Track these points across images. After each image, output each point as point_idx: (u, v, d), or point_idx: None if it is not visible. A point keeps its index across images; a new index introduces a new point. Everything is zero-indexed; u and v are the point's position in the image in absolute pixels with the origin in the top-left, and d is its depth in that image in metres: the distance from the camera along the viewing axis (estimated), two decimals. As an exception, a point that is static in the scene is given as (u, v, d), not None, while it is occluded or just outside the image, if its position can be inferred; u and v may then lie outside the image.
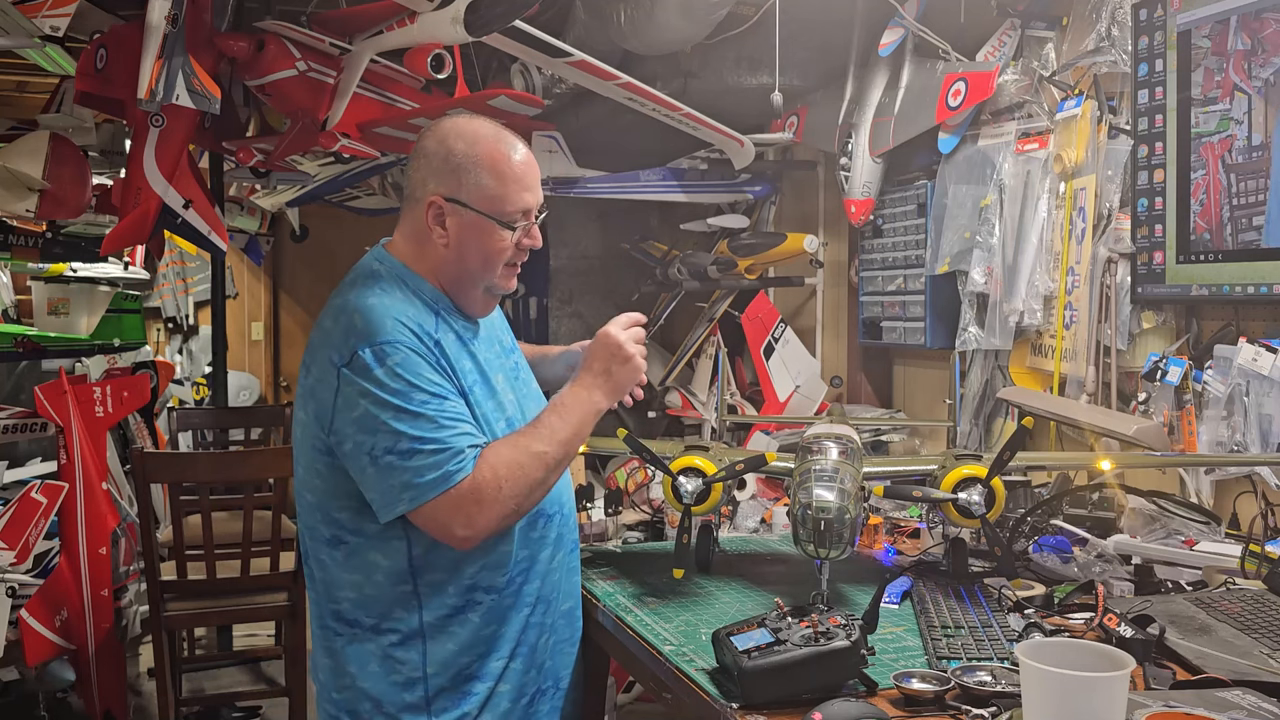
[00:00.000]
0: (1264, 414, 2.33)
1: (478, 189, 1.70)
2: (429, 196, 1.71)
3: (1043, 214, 2.99)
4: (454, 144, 1.71)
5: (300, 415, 1.70)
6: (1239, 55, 2.42)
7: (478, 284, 1.77)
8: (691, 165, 4.33)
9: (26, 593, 3.30)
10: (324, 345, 1.65)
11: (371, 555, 1.68)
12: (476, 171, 1.70)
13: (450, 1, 2.83)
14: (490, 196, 1.70)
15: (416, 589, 1.69)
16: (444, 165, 1.71)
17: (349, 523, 1.68)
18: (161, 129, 3.29)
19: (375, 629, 1.70)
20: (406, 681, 1.70)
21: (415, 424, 1.59)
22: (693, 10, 3.28)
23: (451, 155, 1.70)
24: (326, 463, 1.66)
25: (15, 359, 4.78)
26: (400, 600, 1.69)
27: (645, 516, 2.92)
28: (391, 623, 1.70)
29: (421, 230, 1.73)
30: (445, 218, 1.71)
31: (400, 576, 1.69)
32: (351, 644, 1.71)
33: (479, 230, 1.72)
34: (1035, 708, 1.29)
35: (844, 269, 4.19)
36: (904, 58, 3.45)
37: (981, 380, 3.27)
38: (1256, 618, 1.79)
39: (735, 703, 1.57)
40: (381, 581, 1.68)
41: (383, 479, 1.60)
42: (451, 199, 1.70)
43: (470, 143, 1.71)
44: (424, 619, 1.70)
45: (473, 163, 1.70)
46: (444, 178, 1.70)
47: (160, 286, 7.12)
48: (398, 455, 1.58)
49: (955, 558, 2.22)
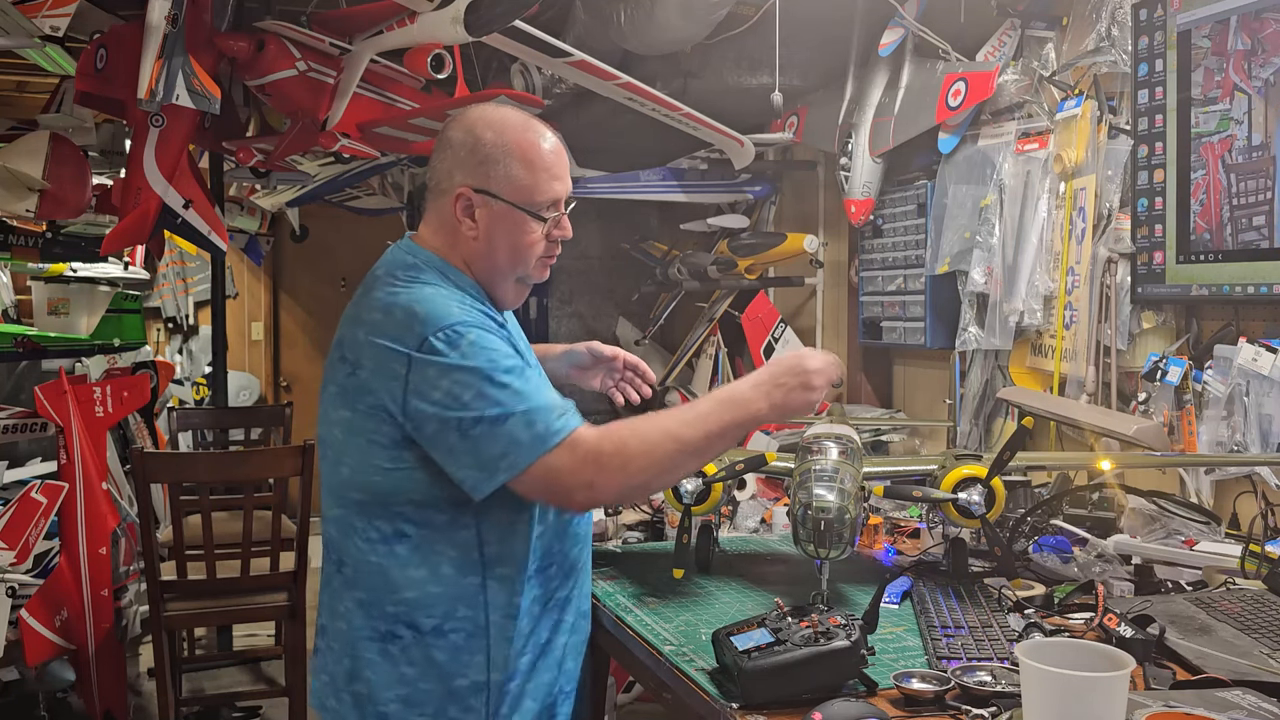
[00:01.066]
0: (1264, 414, 2.33)
1: (507, 179, 1.65)
2: (456, 188, 1.66)
3: (1043, 214, 2.99)
4: (482, 133, 1.66)
5: (342, 414, 1.61)
6: (1239, 55, 2.42)
7: (509, 276, 1.71)
8: (691, 165, 4.33)
9: (26, 593, 3.30)
10: (378, 337, 1.57)
11: (439, 546, 1.61)
12: (506, 161, 1.65)
13: (450, 1, 2.83)
14: (520, 187, 1.65)
15: (484, 580, 1.63)
16: (471, 155, 1.65)
17: (415, 515, 1.61)
18: (161, 129, 3.28)
19: (438, 630, 1.62)
20: (472, 686, 1.64)
21: (503, 393, 1.52)
22: (693, 10, 3.28)
23: (480, 144, 1.65)
24: (391, 455, 1.58)
25: (15, 359, 4.78)
26: (467, 594, 1.62)
27: (645, 516, 2.92)
28: (457, 620, 1.62)
29: (450, 222, 1.68)
30: (475, 209, 1.66)
31: (469, 567, 1.62)
32: (411, 648, 1.63)
33: (509, 222, 1.67)
34: (1035, 708, 1.29)
35: (844, 269, 4.19)
36: (904, 58, 3.45)
37: (981, 380, 3.27)
38: (1256, 618, 1.79)
39: (735, 703, 1.57)
40: (449, 574, 1.61)
41: (477, 452, 1.52)
42: (481, 190, 1.65)
43: (499, 131, 1.66)
44: (490, 616, 1.64)
45: (503, 152, 1.65)
46: (472, 168, 1.65)
47: (160, 286, 7.12)
48: (489, 423, 1.51)
49: (955, 558, 2.22)
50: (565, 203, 1.73)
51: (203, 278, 6.85)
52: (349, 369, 1.60)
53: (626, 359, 2.09)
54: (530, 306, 5.42)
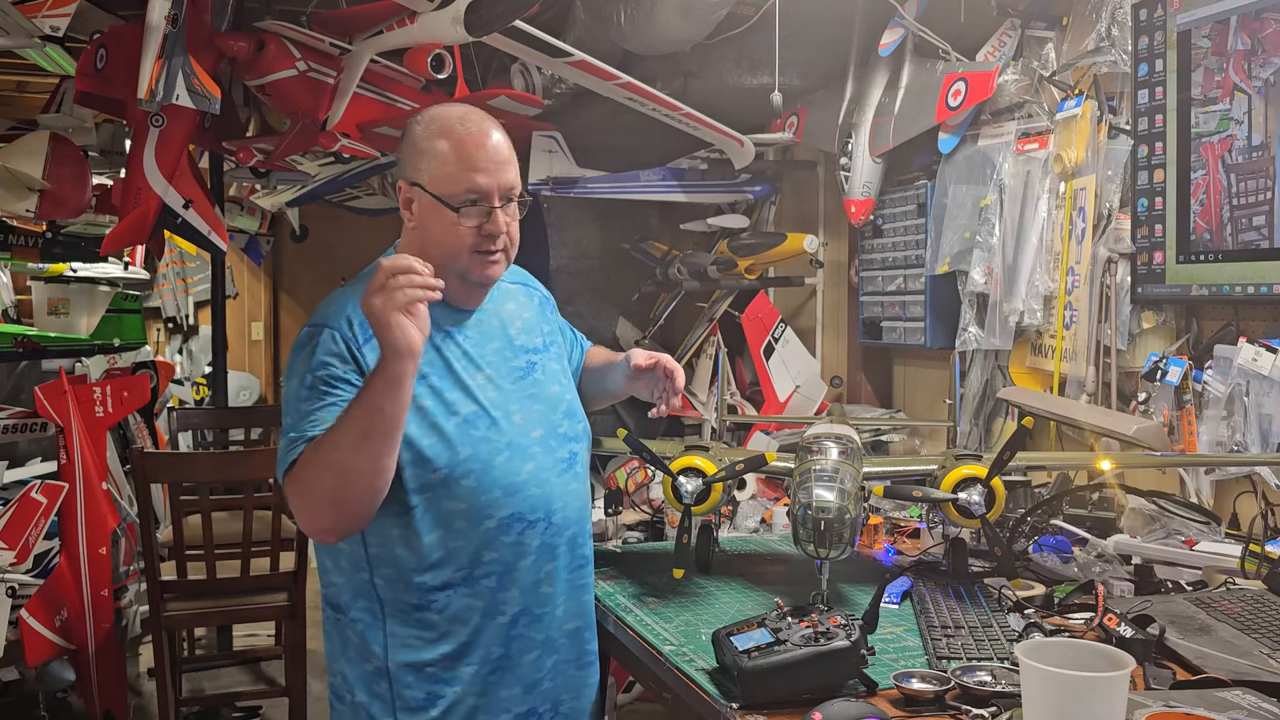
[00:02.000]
0: (1264, 414, 2.33)
1: (429, 171, 1.67)
2: (399, 181, 1.73)
3: (1043, 214, 2.99)
4: (414, 127, 1.71)
5: None
6: (1239, 55, 2.42)
7: (448, 269, 1.66)
8: (691, 165, 4.32)
9: (26, 593, 3.30)
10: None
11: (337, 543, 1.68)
12: (430, 153, 1.67)
13: (450, 1, 2.83)
14: (438, 177, 1.66)
15: (372, 578, 1.67)
16: (407, 148, 1.71)
17: None
18: (161, 129, 3.28)
19: (346, 611, 1.71)
20: (375, 672, 1.69)
21: (297, 406, 1.60)
22: (693, 10, 3.28)
23: (412, 138, 1.70)
24: None
25: (15, 359, 4.78)
26: (360, 588, 1.68)
27: (645, 516, 2.92)
28: (357, 611, 1.69)
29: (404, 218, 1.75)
30: (411, 201, 1.71)
31: (358, 564, 1.68)
32: (335, 625, 1.73)
33: (433, 213, 1.68)
34: (1035, 708, 1.29)
35: (844, 269, 4.19)
36: (904, 58, 3.45)
37: (981, 380, 3.27)
38: (1256, 618, 1.79)
39: (735, 703, 1.57)
40: (346, 567, 1.69)
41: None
42: (413, 182, 1.69)
43: (427, 124, 1.69)
44: (385, 610, 1.67)
45: (428, 144, 1.68)
46: (406, 161, 1.71)
47: (160, 286, 7.12)
48: (282, 434, 1.63)
49: (955, 558, 2.22)
50: (504, 199, 1.68)
51: (203, 278, 6.85)
52: None
53: (664, 364, 1.92)
54: (530, 307, 5.41)
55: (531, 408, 1.76)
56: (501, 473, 1.67)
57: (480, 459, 1.65)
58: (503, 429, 1.69)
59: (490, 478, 1.66)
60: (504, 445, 1.68)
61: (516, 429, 1.71)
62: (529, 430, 1.73)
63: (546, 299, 1.99)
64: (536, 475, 1.71)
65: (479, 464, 1.65)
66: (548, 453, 1.74)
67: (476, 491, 1.64)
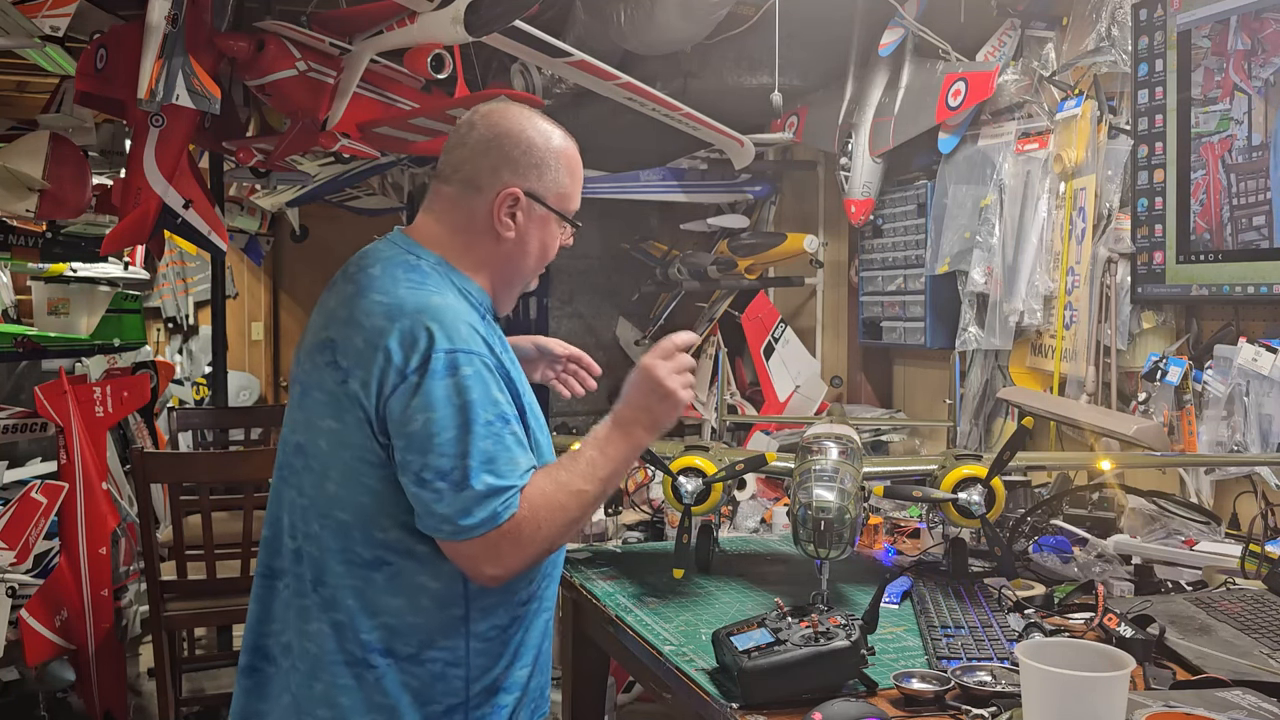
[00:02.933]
0: (1264, 414, 2.33)
1: (555, 185, 1.65)
2: (505, 187, 1.61)
3: (1043, 214, 2.99)
4: (534, 137, 1.64)
5: (329, 424, 1.53)
6: (1239, 55, 2.42)
7: (524, 281, 1.70)
8: (691, 165, 4.33)
9: (26, 593, 3.30)
10: (375, 346, 1.49)
11: (420, 579, 1.53)
12: (556, 168, 1.65)
13: (450, 1, 2.83)
14: (563, 194, 1.67)
15: (468, 613, 1.56)
16: (526, 157, 1.63)
17: (397, 543, 1.53)
18: (161, 129, 3.28)
19: (414, 658, 1.54)
20: (446, 710, 1.56)
21: (474, 451, 1.45)
22: (693, 10, 3.28)
23: (534, 148, 1.63)
24: (380, 475, 1.51)
25: (15, 359, 4.78)
26: (448, 626, 1.55)
27: (645, 516, 2.92)
28: (436, 650, 1.55)
29: (479, 221, 1.62)
30: (517, 211, 1.62)
31: (451, 600, 1.55)
32: (386, 676, 1.54)
33: (545, 226, 1.66)
34: (1035, 708, 1.29)
35: (844, 269, 4.19)
36: (904, 58, 3.46)
37: (981, 380, 3.27)
38: (1256, 618, 1.79)
39: (735, 703, 1.57)
40: (429, 606, 1.54)
41: (426, 503, 1.47)
42: (530, 193, 1.63)
43: (547, 137, 1.66)
44: (470, 644, 1.57)
45: (554, 158, 1.65)
46: (525, 170, 1.63)
47: (160, 286, 7.12)
48: (449, 484, 1.45)
49: (955, 558, 2.22)
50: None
51: (203, 278, 6.85)
52: (341, 376, 1.52)
53: (571, 353, 2.01)
54: (530, 306, 5.42)
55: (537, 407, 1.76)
56: None
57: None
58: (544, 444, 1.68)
59: None
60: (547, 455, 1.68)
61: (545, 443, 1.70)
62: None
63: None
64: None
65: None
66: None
67: None
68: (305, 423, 1.57)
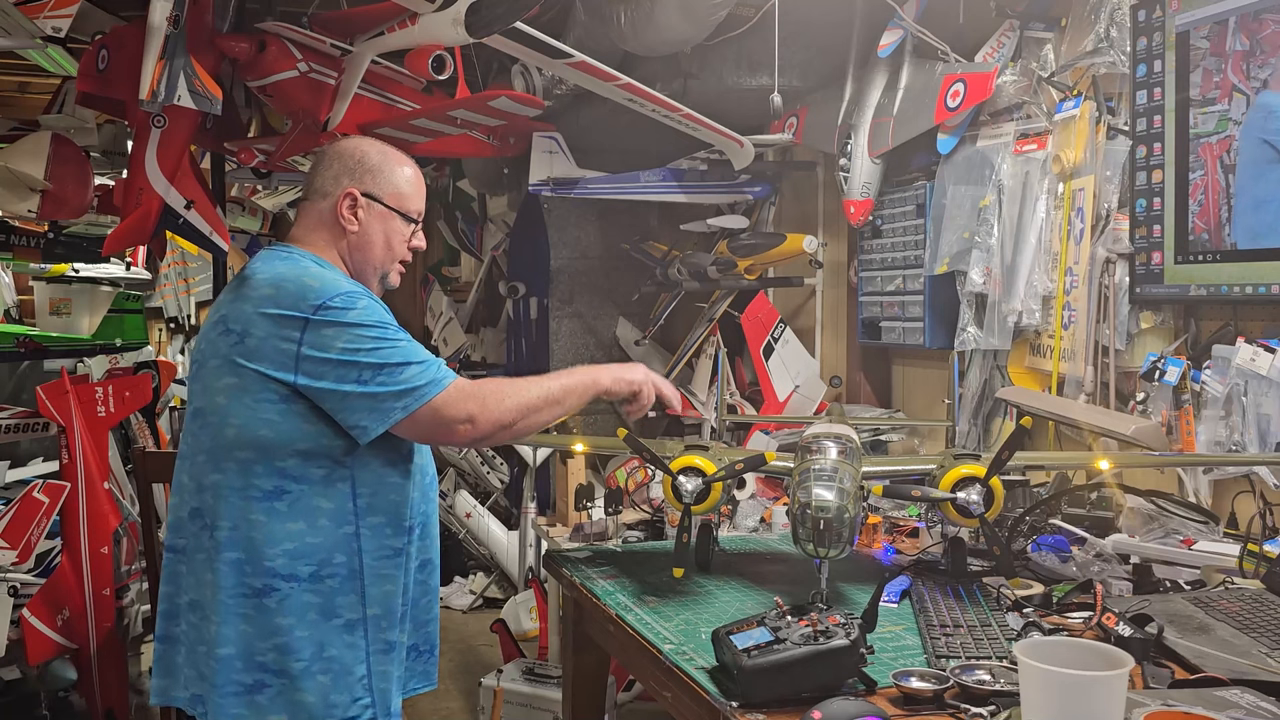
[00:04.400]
0: (1262, 414, 2.34)
1: (390, 186, 1.99)
2: (344, 190, 1.96)
3: (1041, 214, 2.99)
4: (369, 149, 2.01)
5: (227, 381, 1.79)
6: (1237, 56, 2.42)
7: (377, 270, 2.01)
8: (691, 165, 4.33)
9: (28, 592, 3.31)
10: (269, 308, 1.78)
11: (316, 501, 1.80)
12: (389, 174, 2.00)
13: (451, 3, 2.84)
14: (399, 194, 2.00)
15: (359, 530, 1.83)
16: (360, 165, 1.98)
17: (294, 470, 1.79)
18: (163, 130, 3.29)
19: (315, 575, 1.79)
20: (347, 624, 1.82)
21: (397, 347, 1.80)
22: (693, 11, 3.29)
23: (367, 158, 1.99)
24: (280, 410, 1.78)
25: (17, 359, 4.80)
26: (342, 542, 1.81)
27: (645, 516, 2.93)
28: (332, 568, 1.81)
29: (330, 220, 1.96)
30: (358, 208, 1.96)
31: (344, 518, 1.82)
32: (287, 599, 1.77)
33: (385, 221, 1.99)
34: (1034, 706, 1.30)
35: (843, 269, 4.20)
36: (903, 58, 3.46)
37: (980, 380, 3.27)
38: (1255, 617, 1.79)
39: (735, 701, 1.57)
40: (326, 525, 1.80)
41: (375, 398, 1.77)
42: (367, 193, 1.97)
43: (382, 152, 2.02)
44: (364, 561, 1.83)
45: (387, 167, 2.00)
46: (360, 175, 1.97)
47: (162, 287, 7.13)
48: (389, 373, 1.77)
49: (954, 557, 2.23)
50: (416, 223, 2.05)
51: (204, 278, 6.86)
52: (235, 339, 1.80)
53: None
54: (531, 306, 5.42)
55: None
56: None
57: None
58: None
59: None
60: None
61: None
62: None
63: None
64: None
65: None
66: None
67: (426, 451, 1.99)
68: (203, 390, 1.86)
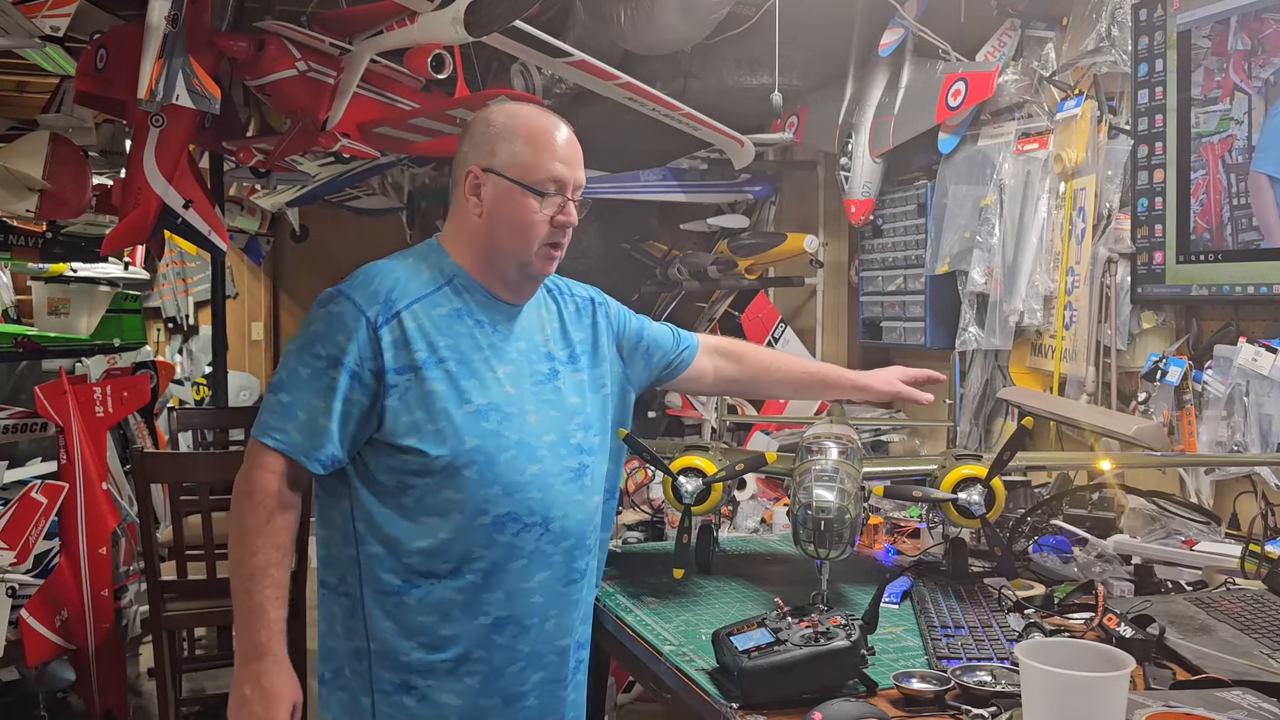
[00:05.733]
0: (1264, 414, 2.33)
1: (510, 156, 1.69)
2: (466, 168, 1.72)
3: (1043, 214, 2.99)
4: (494, 117, 1.73)
5: None
6: (1239, 55, 2.42)
7: (511, 260, 1.72)
8: (691, 165, 4.33)
9: (26, 593, 3.30)
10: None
11: (331, 513, 1.70)
12: (511, 139, 1.70)
13: (450, 2, 2.83)
14: (521, 164, 1.69)
15: (358, 556, 1.66)
16: (481, 136, 1.72)
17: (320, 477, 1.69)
18: (161, 129, 3.28)
19: (335, 590, 1.70)
20: (355, 651, 1.68)
21: (298, 371, 1.63)
22: (693, 10, 3.28)
23: (490, 126, 1.72)
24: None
25: (15, 359, 4.78)
26: (346, 565, 1.68)
27: (645, 516, 2.92)
28: (345, 586, 1.69)
29: (460, 205, 1.74)
30: (480, 188, 1.71)
31: (347, 538, 1.68)
32: (325, 600, 1.72)
33: (510, 199, 1.70)
34: (1035, 708, 1.29)
35: (844, 269, 4.19)
36: (904, 58, 3.45)
37: (981, 380, 3.27)
38: (1256, 618, 1.79)
39: (735, 702, 1.57)
40: (336, 539, 1.69)
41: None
42: (486, 168, 1.70)
43: (510, 115, 1.73)
44: (364, 590, 1.66)
45: (510, 131, 1.71)
46: (480, 147, 1.72)
47: (160, 286, 7.13)
48: (271, 388, 1.66)
49: (955, 558, 2.22)
50: (575, 193, 1.75)
51: (203, 278, 6.86)
52: None
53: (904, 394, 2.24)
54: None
55: (547, 413, 1.73)
56: (505, 469, 1.65)
57: (486, 451, 1.64)
58: (515, 426, 1.67)
59: (493, 472, 1.64)
60: (513, 443, 1.66)
61: (529, 429, 1.69)
62: (541, 433, 1.70)
63: (588, 303, 1.96)
64: (540, 478, 1.68)
65: (484, 456, 1.63)
66: (556, 459, 1.71)
67: (477, 484, 1.63)
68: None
